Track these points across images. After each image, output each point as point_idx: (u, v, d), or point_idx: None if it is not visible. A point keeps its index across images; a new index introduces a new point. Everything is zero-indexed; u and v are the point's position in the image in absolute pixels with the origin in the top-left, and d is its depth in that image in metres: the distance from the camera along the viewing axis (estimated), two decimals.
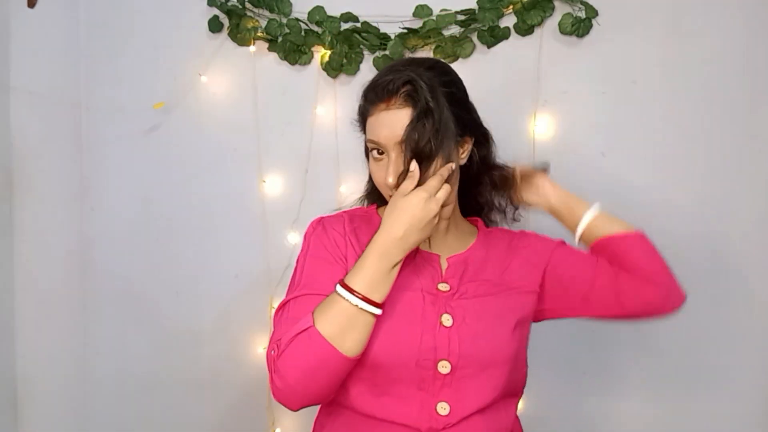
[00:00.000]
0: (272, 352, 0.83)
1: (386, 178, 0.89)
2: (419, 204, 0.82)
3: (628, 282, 0.96)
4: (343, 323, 0.80)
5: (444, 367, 0.88)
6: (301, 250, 0.97)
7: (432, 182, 0.84)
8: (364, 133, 0.96)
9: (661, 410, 1.57)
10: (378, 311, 0.82)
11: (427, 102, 0.86)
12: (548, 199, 1.05)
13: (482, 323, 0.91)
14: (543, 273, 1.00)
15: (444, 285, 0.93)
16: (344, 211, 1.03)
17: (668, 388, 1.56)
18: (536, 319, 1.03)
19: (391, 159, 0.89)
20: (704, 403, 1.55)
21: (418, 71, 0.89)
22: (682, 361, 1.55)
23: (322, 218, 1.01)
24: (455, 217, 1.01)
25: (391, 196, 0.88)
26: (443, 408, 0.88)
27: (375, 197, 1.07)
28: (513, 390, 0.98)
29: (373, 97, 0.91)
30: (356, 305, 0.80)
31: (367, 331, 0.82)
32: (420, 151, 0.85)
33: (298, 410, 0.84)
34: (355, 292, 0.80)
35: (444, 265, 0.96)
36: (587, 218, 1.00)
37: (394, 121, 0.88)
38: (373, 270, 0.82)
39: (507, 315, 0.94)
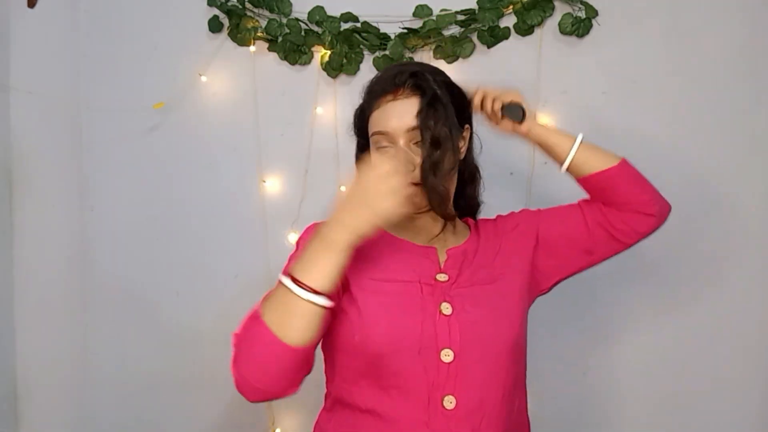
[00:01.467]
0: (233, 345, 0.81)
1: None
2: (362, 178, 0.78)
3: (619, 217, 0.99)
4: (282, 310, 0.76)
5: (447, 356, 0.87)
6: (293, 252, 0.98)
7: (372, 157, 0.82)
8: (360, 133, 0.99)
9: (661, 410, 1.57)
10: (319, 299, 0.76)
11: (435, 90, 0.90)
12: (529, 129, 1.04)
13: (482, 310, 0.92)
14: (536, 239, 1.02)
15: (442, 275, 0.94)
16: None
17: (668, 389, 1.56)
18: (545, 287, 1.04)
19: (400, 147, 0.90)
20: (704, 402, 1.55)
21: (421, 66, 0.94)
22: (682, 361, 1.55)
23: (317, 223, 1.00)
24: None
25: None
26: (450, 402, 0.87)
27: None
28: (518, 380, 0.97)
29: (379, 90, 0.93)
30: (293, 291, 0.76)
31: (310, 321, 0.76)
32: (438, 134, 0.88)
33: (255, 401, 0.81)
34: (296, 280, 0.76)
35: (443, 257, 0.97)
36: (573, 149, 1.01)
37: (403, 110, 0.90)
38: (312, 254, 0.77)
39: (506, 300, 0.95)
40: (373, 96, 0.94)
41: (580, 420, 1.61)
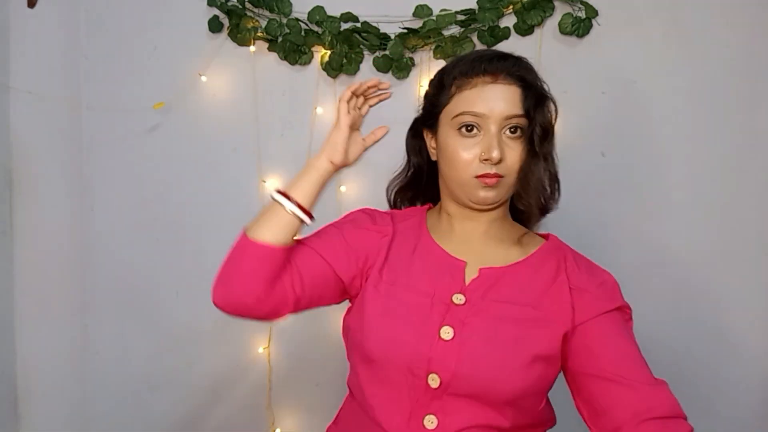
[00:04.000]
0: None
1: (490, 152, 0.83)
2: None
3: None
4: (260, 217, 0.89)
5: (433, 381, 0.82)
6: (339, 219, 0.98)
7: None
8: (435, 107, 0.89)
9: None
10: (292, 207, 0.86)
11: (541, 82, 0.88)
12: None
13: (491, 347, 0.82)
14: (572, 323, 0.85)
15: (460, 297, 0.85)
16: (391, 211, 1.00)
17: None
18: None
19: (492, 134, 0.84)
20: (704, 403, 1.55)
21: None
22: (682, 361, 1.55)
23: (375, 210, 0.99)
24: (501, 222, 0.92)
25: (480, 176, 0.84)
26: (431, 421, 0.83)
27: (424, 194, 1.00)
28: (519, 425, 0.88)
29: (479, 69, 0.85)
30: (274, 198, 0.88)
31: (278, 223, 0.87)
32: (548, 125, 0.88)
33: (230, 313, 0.92)
34: (280, 192, 0.89)
35: (472, 274, 0.87)
36: None
37: (504, 95, 0.84)
38: (298, 176, 0.91)
39: (525, 346, 0.82)
40: (467, 74, 0.85)
41: (579, 420, 1.61)
